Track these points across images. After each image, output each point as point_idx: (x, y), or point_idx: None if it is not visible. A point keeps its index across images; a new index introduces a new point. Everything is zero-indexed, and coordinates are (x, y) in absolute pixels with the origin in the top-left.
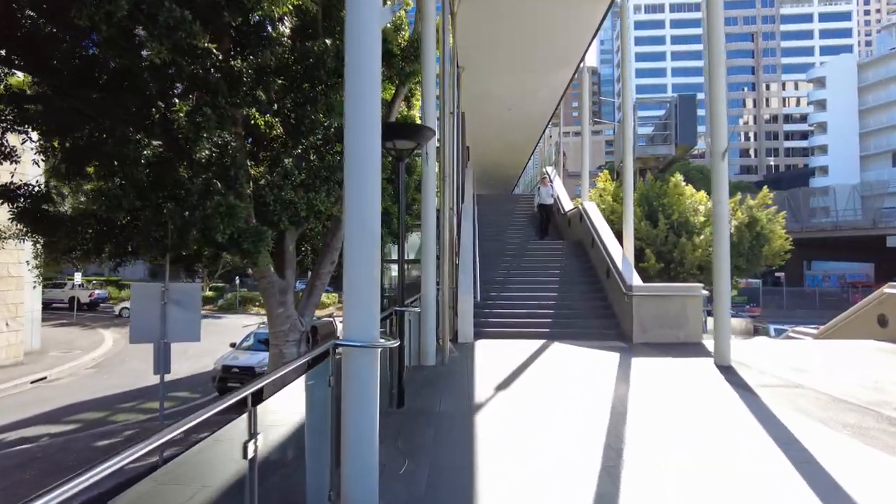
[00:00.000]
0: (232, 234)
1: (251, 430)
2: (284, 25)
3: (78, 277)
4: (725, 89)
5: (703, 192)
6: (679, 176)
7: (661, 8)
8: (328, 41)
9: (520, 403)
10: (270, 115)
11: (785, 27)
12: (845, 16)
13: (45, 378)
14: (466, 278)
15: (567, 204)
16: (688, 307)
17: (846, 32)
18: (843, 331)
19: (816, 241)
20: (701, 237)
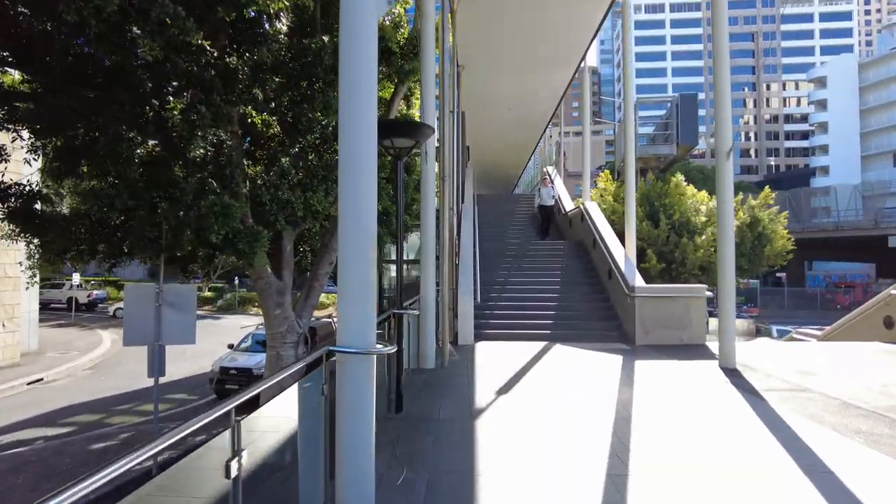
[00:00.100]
0: (227, 234)
1: (235, 446)
2: (281, 22)
3: (76, 278)
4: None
5: (705, 192)
6: (680, 176)
7: (661, 8)
8: (325, 38)
9: (521, 408)
10: (267, 114)
11: (785, 27)
12: (846, 15)
13: (42, 379)
14: (466, 279)
15: (568, 204)
16: (691, 308)
17: (847, 32)
18: (848, 332)
19: (818, 242)
20: (702, 237)
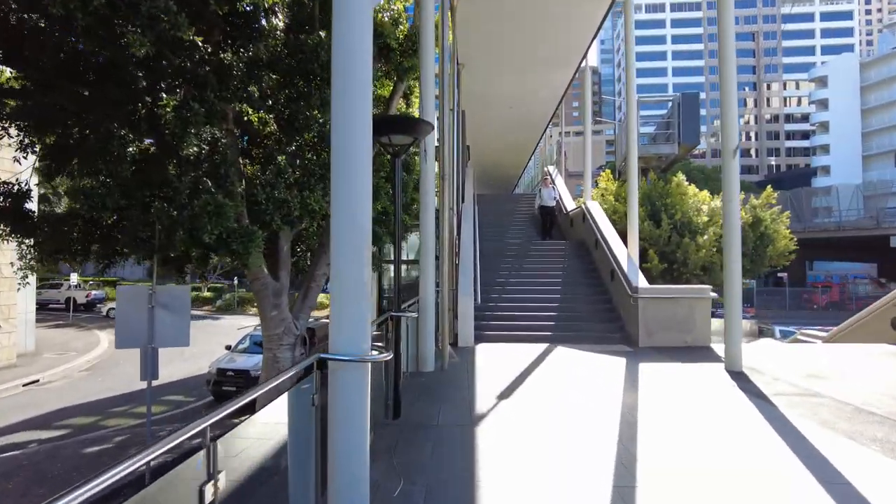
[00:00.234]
0: (220, 234)
1: (210, 469)
2: (278, 18)
3: (74, 278)
4: (736, 86)
5: (706, 192)
6: (681, 175)
7: (661, 7)
8: (322, 34)
9: (523, 414)
10: (264, 112)
11: (786, 26)
12: (846, 15)
13: (38, 381)
14: (467, 280)
15: (569, 203)
16: (695, 310)
17: (847, 32)
18: (854, 334)
19: (819, 242)
20: (704, 237)
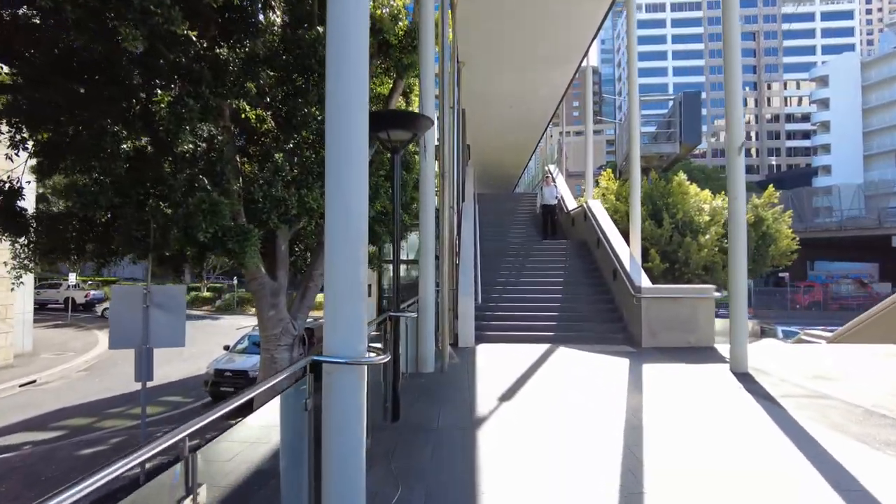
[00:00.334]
0: (215, 232)
1: (189, 482)
2: (276, 13)
3: (72, 278)
4: (741, 82)
5: (708, 191)
6: (683, 175)
7: (661, 7)
8: (320, 28)
9: (526, 416)
10: (261, 109)
11: (787, 26)
12: (847, 14)
13: (35, 381)
14: (467, 279)
15: (571, 202)
16: (699, 310)
17: (848, 31)
18: (859, 335)
19: (821, 241)
20: (706, 237)
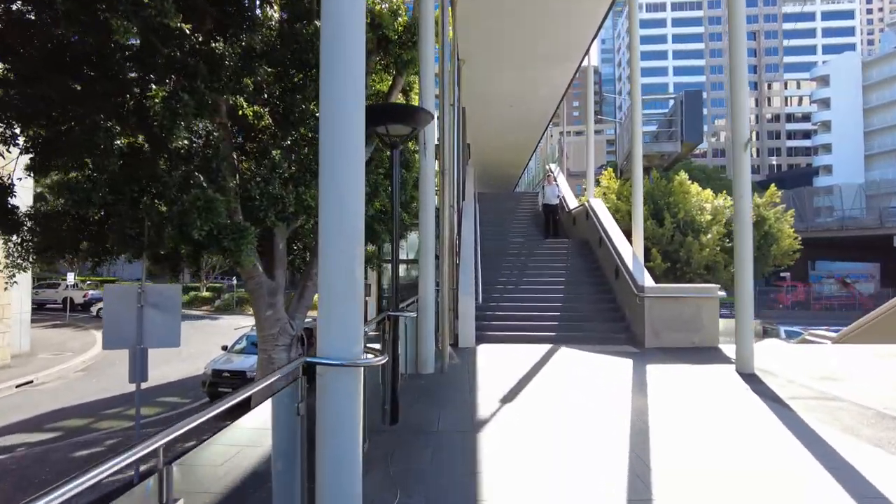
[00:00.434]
0: (210, 230)
1: (163, 497)
2: (273, 8)
3: (71, 277)
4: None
5: (710, 191)
6: (684, 174)
7: (662, 7)
8: (318, 23)
9: (528, 419)
10: (259, 105)
11: (787, 26)
12: (848, 14)
13: (32, 382)
14: (467, 279)
15: (572, 202)
16: (703, 309)
17: (849, 31)
18: (865, 335)
19: (822, 241)
20: (708, 236)
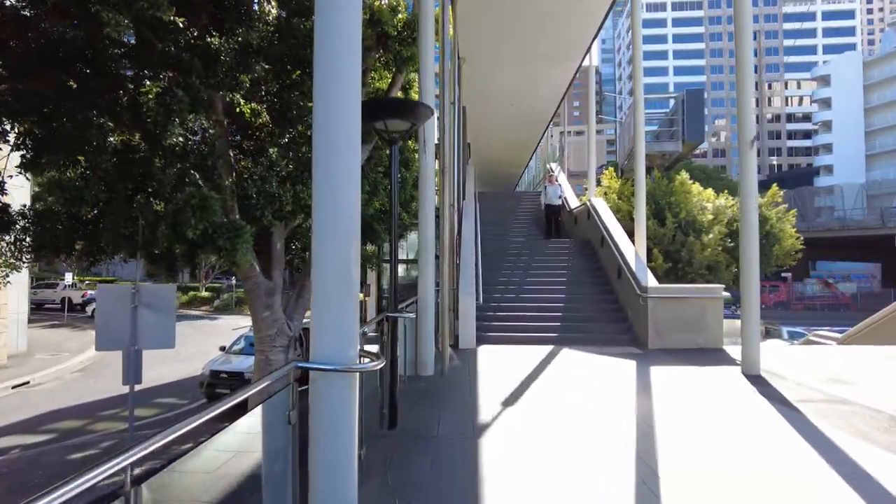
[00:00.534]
0: (205, 229)
1: None
2: (270, 4)
3: (69, 277)
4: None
5: (711, 190)
6: (685, 174)
7: (662, 7)
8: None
9: (530, 423)
10: (256, 102)
11: (787, 26)
12: (848, 14)
13: (28, 382)
14: (468, 279)
15: (573, 201)
16: (707, 310)
17: (849, 31)
18: (871, 335)
19: (823, 241)
20: (709, 236)
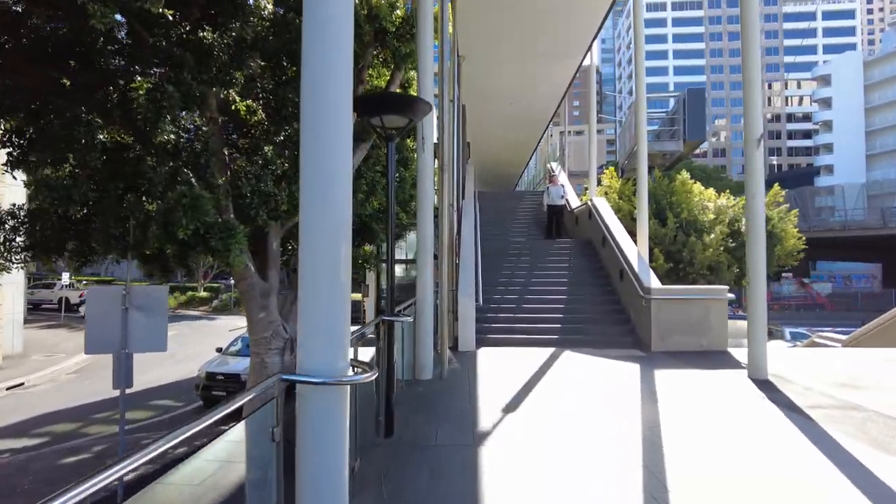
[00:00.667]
0: (197, 229)
1: None
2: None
3: (65, 277)
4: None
5: (712, 190)
6: (686, 173)
7: (662, 6)
8: None
9: (532, 431)
10: (252, 99)
11: (788, 25)
12: (849, 14)
13: (23, 384)
14: (467, 280)
15: (574, 201)
16: (711, 312)
17: (850, 31)
18: (877, 337)
19: (824, 241)
20: (711, 236)
